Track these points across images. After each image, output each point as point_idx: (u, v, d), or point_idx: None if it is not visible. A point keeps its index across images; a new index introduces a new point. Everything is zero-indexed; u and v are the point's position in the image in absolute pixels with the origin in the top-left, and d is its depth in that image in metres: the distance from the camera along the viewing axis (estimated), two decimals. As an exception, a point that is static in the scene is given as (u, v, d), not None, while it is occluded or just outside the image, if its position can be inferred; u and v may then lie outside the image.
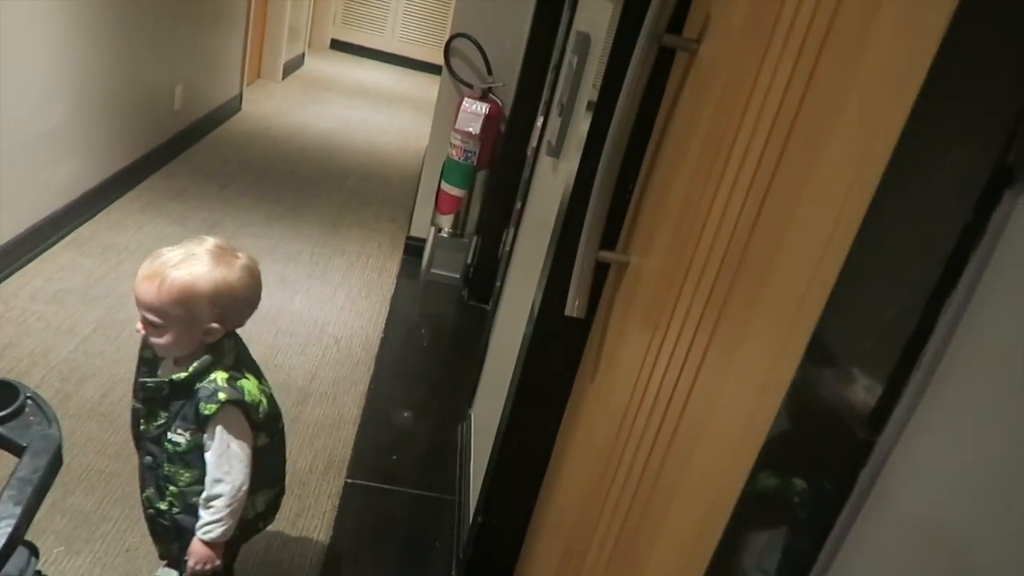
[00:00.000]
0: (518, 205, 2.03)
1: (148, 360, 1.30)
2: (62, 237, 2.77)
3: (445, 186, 3.10)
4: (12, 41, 2.24)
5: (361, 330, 2.70)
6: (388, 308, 2.90)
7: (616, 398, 1.11)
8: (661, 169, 1.13)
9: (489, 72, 3.00)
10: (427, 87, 7.17)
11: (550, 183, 1.67)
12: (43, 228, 2.63)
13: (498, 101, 2.99)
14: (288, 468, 1.46)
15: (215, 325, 1.23)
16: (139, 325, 1.23)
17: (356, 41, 7.81)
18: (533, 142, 2.13)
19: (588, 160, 1.25)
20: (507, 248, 3.00)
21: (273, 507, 1.42)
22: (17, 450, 0.96)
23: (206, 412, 1.21)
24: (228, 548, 1.33)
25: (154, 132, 3.55)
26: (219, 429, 1.23)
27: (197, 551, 1.26)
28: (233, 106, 4.77)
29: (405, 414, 2.35)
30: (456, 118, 2.97)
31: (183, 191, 3.48)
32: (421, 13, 7.82)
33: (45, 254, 2.64)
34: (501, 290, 2.09)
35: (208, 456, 1.23)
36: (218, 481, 1.23)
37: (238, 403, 1.24)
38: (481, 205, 3.14)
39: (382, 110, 6.00)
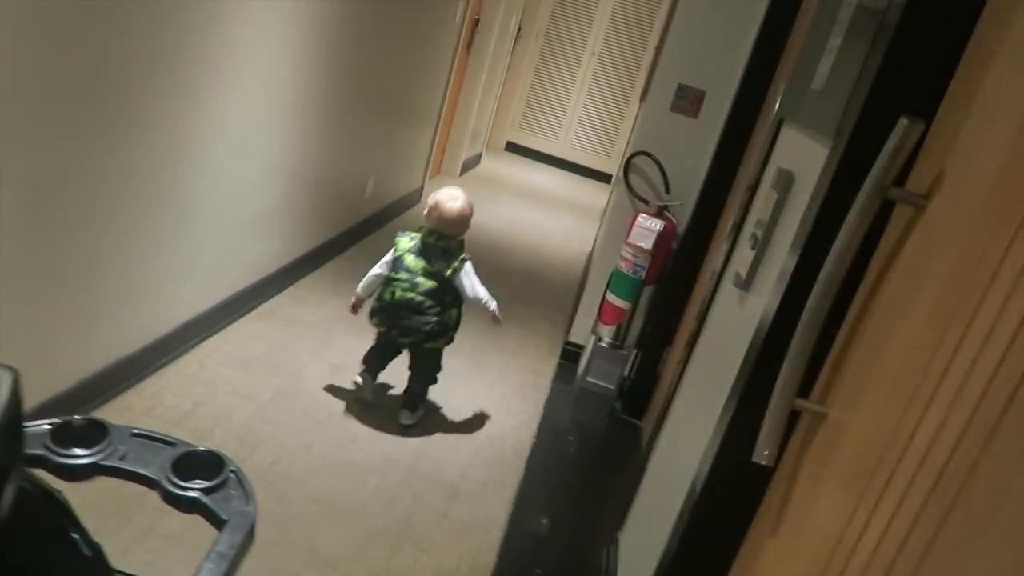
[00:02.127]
0: (693, 327, 1.99)
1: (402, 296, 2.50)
2: (254, 307, 3.01)
3: (611, 297, 3.11)
4: (239, 132, 2.52)
5: (513, 432, 2.71)
6: (542, 412, 2.90)
7: (805, 563, 1.03)
8: (873, 321, 1.08)
9: (667, 190, 3.03)
10: (593, 194, 7.37)
11: (735, 315, 1.63)
12: (240, 298, 2.88)
13: (673, 219, 3.00)
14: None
15: None
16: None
17: (531, 145, 8.18)
18: (715, 267, 2.10)
19: (788, 302, 1.22)
20: (664, 366, 2.95)
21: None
22: (217, 523, 1.02)
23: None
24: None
25: (344, 218, 3.84)
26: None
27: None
28: (414, 198, 5.09)
29: (551, 526, 2.30)
30: (629, 232, 3.00)
31: (360, 274, 3.70)
32: (595, 123, 8.10)
33: (238, 322, 2.87)
34: (666, 413, 2.04)
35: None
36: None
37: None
38: (644, 320, 3.12)
39: (549, 213, 6.18)
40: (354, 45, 3.23)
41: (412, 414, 2.59)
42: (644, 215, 2.99)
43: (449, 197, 2.51)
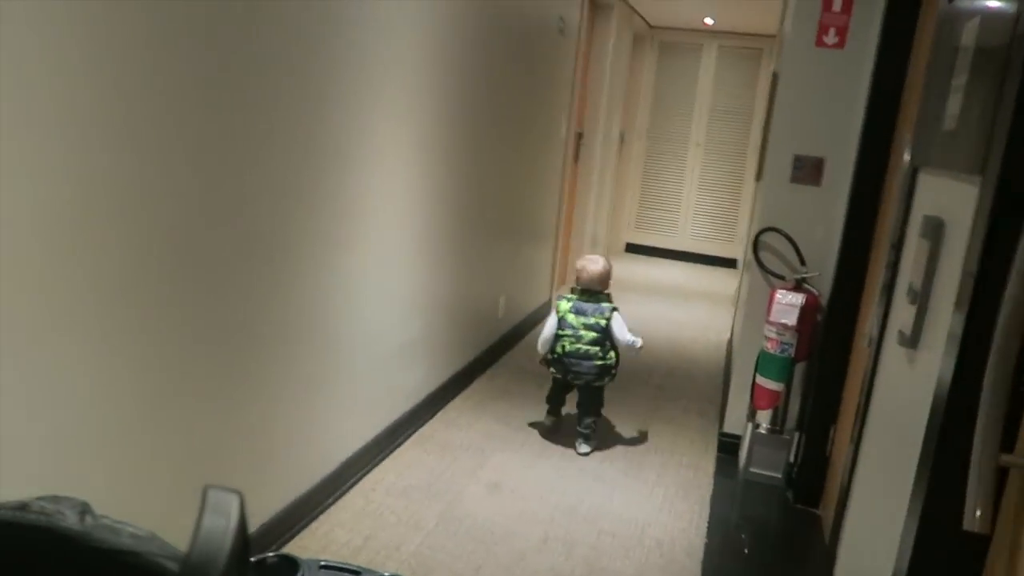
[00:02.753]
0: (860, 398, 1.88)
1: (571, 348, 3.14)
2: (409, 436, 3.09)
3: (761, 380, 2.99)
4: (379, 269, 2.68)
5: (682, 533, 2.58)
6: (708, 510, 2.77)
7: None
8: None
9: (802, 262, 2.94)
10: (719, 280, 7.23)
11: (906, 376, 1.53)
12: (395, 428, 2.97)
13: (813, 291, 2.89)
14: None
15: None
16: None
17: (649, 242, 8.20)
18: (871, 331, 1.99)
19: (968, 350, 1.13)
20: (833, 445, 2.76)
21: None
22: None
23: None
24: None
25: (481, 339, 3.95)
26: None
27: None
28: (543, 311, 5.17)
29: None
30: (770, 310, 2.91)
31: (505, 391, 3.75)
32: (711, 210, 8.06)
33: (395, 451, 2.96)
34: (847, 496, 1.89)
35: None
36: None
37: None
38: (801, 399, 2.97)
39: (678, 305, 6.10)
40: (472, 171, 3.42)
41: (588, 443, 3.17)
42: (782, 291, 2.90)
43: (591, 261, 3.23)
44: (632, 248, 8.26)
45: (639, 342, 3.17)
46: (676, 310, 5.93)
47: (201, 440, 1.88)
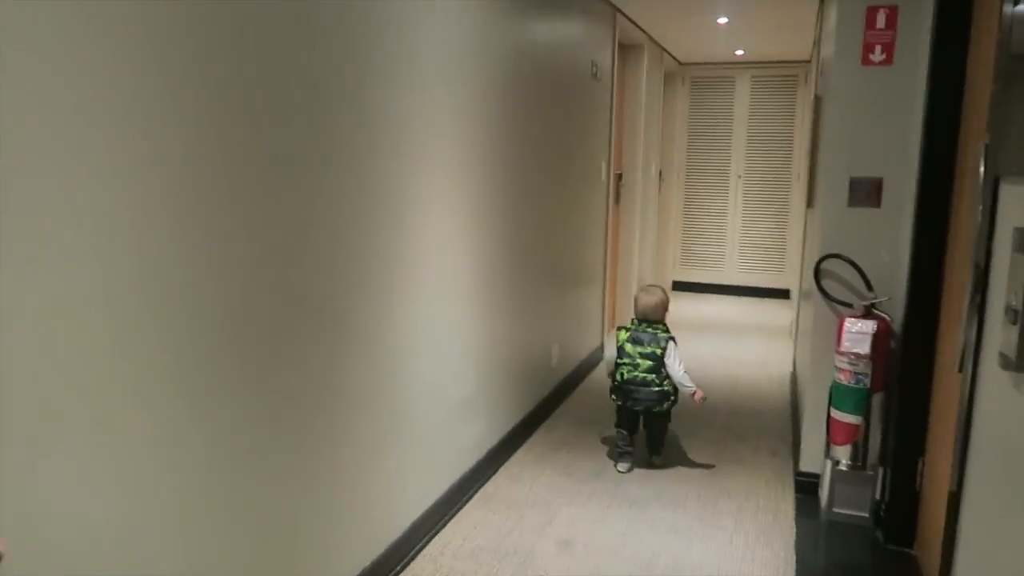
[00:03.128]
0: (957, 431, 1.74)
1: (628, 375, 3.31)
2: (472, 495, 3.00)
3: (836, 414, 2.84)
4: (434, 327, 2.63)
5: (770, 583, 2.43)
6: (794, 556, 2.61)
7: None
8: None
9: (869, 287, 2.81)
10: (772, 312, 7.04)
11: (1012, 402, 1.41)
12: (458, 488, 2.88)
13: (885, 316, 2.76)
14: None
15: None
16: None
17: (696, 279, 8.06)
18: (956, 358, 1.87)
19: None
20: (923, 479, 2.59)
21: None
22: None
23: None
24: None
25: (538, 389, 3.86)
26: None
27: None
28: (597, 356, 5.07)
29: None
30: (839, 340, 2.78)
31: (565, 442, 3.65)
32: (757, 242, 7.91)
33: (460, 512, 2.87)
34: (954, 534, 1.75)
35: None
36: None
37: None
38: (883, 432, 2.81)
39: (733, 341, 5.93)
40: (519, 219, 3.39)
41: (659, 456, 3.38)
42: (851, 319, 2.78)
43: (646, 292, 3.40)
44: (679, 286, 8.13)
45: (693, 389, 3.27)
46: (732, 346, 5.76)
47: (271, 514, 1.82)
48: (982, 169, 1.76)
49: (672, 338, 3.31)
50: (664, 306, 3.38)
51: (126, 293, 1.38)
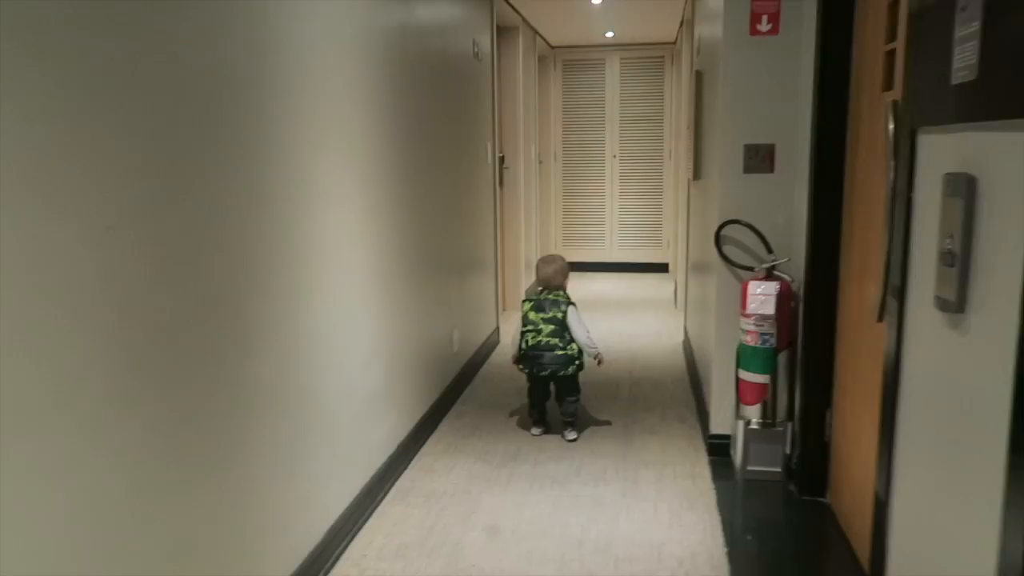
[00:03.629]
0: (886, 378, 1.79)
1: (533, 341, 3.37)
2: (388, 491, 2.86)
3: (745, 375, 2.91)
4: (340, 321, 2.47)
5: (700, 545, 2.45)
6: (719, 516, 2.65)
7: None
8: None
9: (769, 250, 2.89)
10: (654, 286, 7.25)
11: (954, 343, 1.45)
12: (374, 485, 2.74)
13: (786, 277, 2.85)
14: None
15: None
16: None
17: (579, 259, 8.17)
18: (873, 304, 1.93)
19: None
20: (831, 431, 2.70)
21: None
22: None
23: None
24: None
25: (442, 376, 3.75)
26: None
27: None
28: (493, 339, 5.01)
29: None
30: (744, 303, 2.85)
31: (476, 428, 3.56)
32: (635, 219, 8.11)
33: (378, 510, 2.72)
34: (887, 498, 1.79)
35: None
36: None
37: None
38: (789, 389, 2.91)
39: (623, 316, 6.04)
40: (413, 207, 3.25)
41: (573, 430, 3.40)
42: (754, 282, 2.85)
43: (545, 262, 3.52)
44: (563, 267, 8.21)
45: (597, 351, 3.41)
46: (622, 321, 5.86)
47: (185, 531, 1.63)
48: (891, 125, 1.81)
49: (572, 303, 3.42)
50: (563, 272, 3.50)
51: (8, 296, 1.16)
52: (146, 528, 1.50)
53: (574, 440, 3.37)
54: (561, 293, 3.45)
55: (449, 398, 3.83)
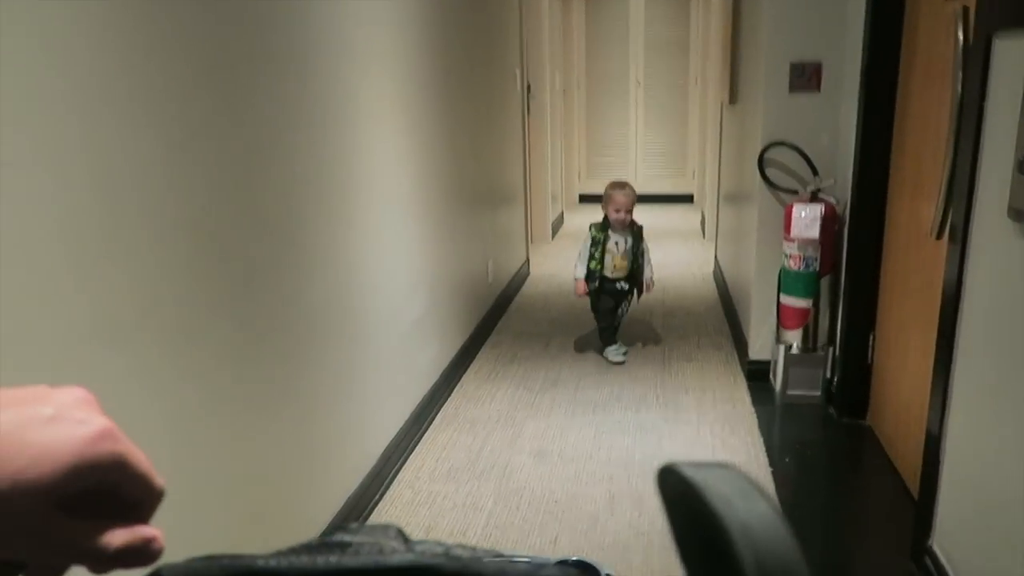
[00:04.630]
0: (945, 297, 1.77)
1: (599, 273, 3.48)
2: (433, 417, 2.91)
3: (787, 299, 2.90)
4: (384, 251, 2.47)
5: (745, 467, 2.48)
6: (761, 439, 2.68)
7: None
8: None
9: (815, 173, 2.84)
10: (680, 216, 7.19)
11: (1021, 262, 1.43)
12: (421, 411, 2.78)
13: (830, 200, 2.80)
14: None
15: None
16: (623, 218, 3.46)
17: (600, 191, 8.07)
18: (932, 223, 1.90)
19: None
20: (875, 353, 2.70)
21: None
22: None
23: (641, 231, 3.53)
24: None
25: (478, 306, 3.77)
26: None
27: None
28: (524, 271, 5.02)
29: (839, 552, 2.06)
30: (788, 227, 2.81)
31: (514, 356, 3.59)
32: (660, 148, 7.99)
33: (425, 436, 2.78)
34: (942, 422, 1.79)
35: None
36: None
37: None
38: (831, 313, 2.90)
39: (653, 247, 5.98)
40: (449, 139, 3.21)
41: (620, 349, 3.49)
42: (799, 204, 2.81)
43: (616, 186, 3.52)
44: (586, 199, 8.14)
45: (652, 282, 3.56)
46: (653, 251, 5.81)
47: (253, 452, 1.67)
48: (960, 33, 1.75)
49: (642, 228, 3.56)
50: (634, 200, 3.52)
51: (83, 223, 1.16)
52: (219, 448, 1.54)
53: (622, 361, 3.43)
54: (635, 223, 3.52)
55: (486, 327, 3.85)
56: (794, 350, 2.94)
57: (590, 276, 3.45)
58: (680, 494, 0.33)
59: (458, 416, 2.95)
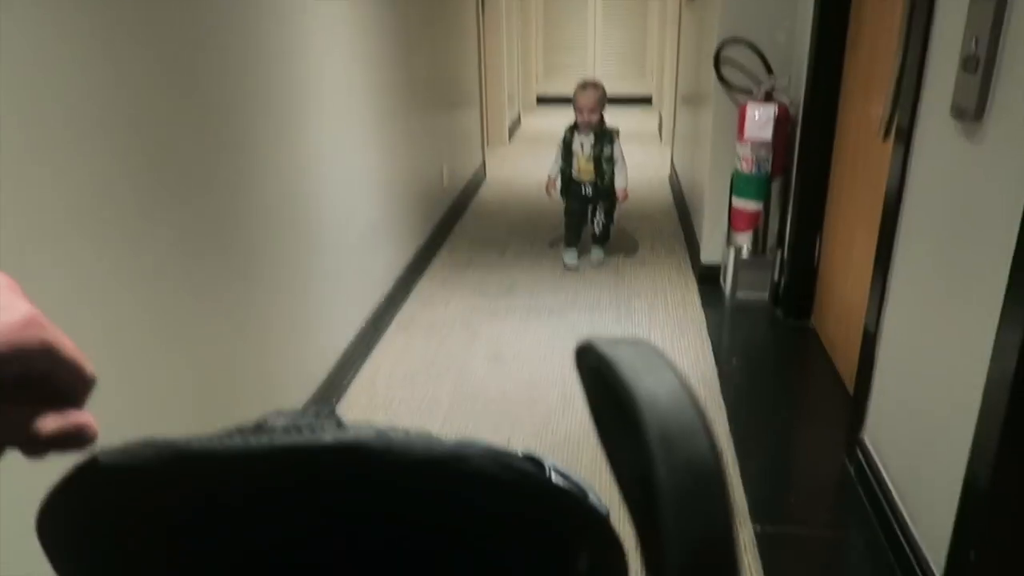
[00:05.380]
0: (889, 196, 1.80)
1: (568, 174, 3.47)
2: (389, 321, 2.92)
3: (739, 202, 2.93)
4: (338, 155, 2.40)
5: (693, 368, 2.56)
6: (709, 341, 2.75)
7: None
8: None
9: (769, 71, 2.81)
10: (637, 119, 7.11)
11: (961, 157, 1.45)
12: (377, 315, 2.79)
13: (783, 100, 2.79)
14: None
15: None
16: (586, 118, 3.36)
17: (560, 92, 7.90)
18: (882, 115, 1.90)
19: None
20: (821, 255, 2.75)
21: None
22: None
23: (615, 136, 3.40)
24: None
25: (433, 211, 3.73)
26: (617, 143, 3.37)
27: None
28: (480, 175, 4.96)
29: (780, 445, 2.17)
30: (742, 128, 2.80)
31: (470, 261, 3.60)
32: (617, 48, 7.83)
33: (382, 340, 2.79)
34: (879, 318, 1.85)
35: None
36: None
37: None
38: (780, 216, 2.93)
39: (609, 150, 5.95)
40: (405, 43, 3.09)
41: (602, 251, 3.54)
42: (752, 105, 2.79)
43: (585, 87, 3.37)
44: (544, 100, 8.00)
45: (624, 191, 3.46)
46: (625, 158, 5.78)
47: (213, 354, 1.66)
48: (915, -74, 1.70)
49: (617, 138, 3.44)
50: (604, 101, 3.41)
51: (3, 118, 1.10)
52: (163, 357, 1.53)
53: (601, 262, 3.48)
54: (607, 126, 3.42)
55: (442, 233, 3.83)
56: (744, 253, 2.98)
57: (562, 177, 3.46)
58: (595, 368, 0.34)
59: (414, 321, 2.96)
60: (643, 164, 5.42)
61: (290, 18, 2.06)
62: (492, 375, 2.55)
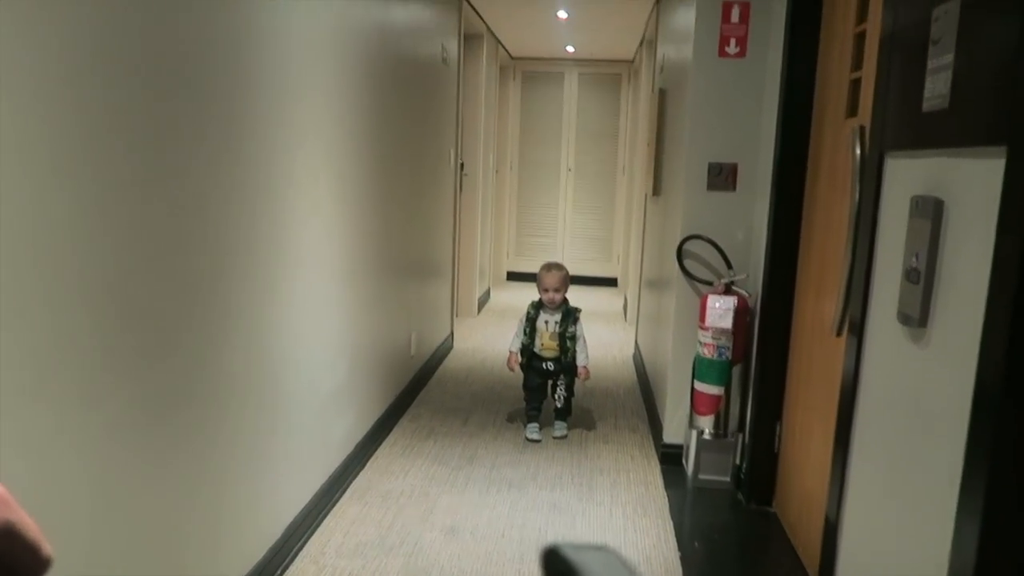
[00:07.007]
0: (843, 390, 1.88)
1: (531, 349, 3.59)
2: (345, 489, 2.85)
3: (701, 386, 3.00)
4: (307, 318, 2.46)
5: (655, 550, 2.51)
6: (672, 523, 2.71)
7: None
8: None
9: (729, 266, 2.99)
10: (604, 299, 7.35)
11: (909, 359, 1.54)
12: (332, 483, 2.72)
13: (743, 293, 2.94)
14: None
15: None
16: (551, 297, 3.55)
17: (530, 269, 8.17)
18: (833, 321, 2.02)
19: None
20: (781, 443, 2.80)
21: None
22: None
23: (578, 315, 3.59)
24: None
25: (399, 378, 3.74)
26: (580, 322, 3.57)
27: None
28: (448, 344, 5.02)
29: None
30: (703, 316, 2.93)
31: (432, 431, 3.56)
32: (586, 232, 8.23)
33: (335, 508, 2.70)
34: (839, 509, 1.87)
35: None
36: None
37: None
38: (741, 401, 3.00)
39: (575, 327, 6.10)
40: (380, 210, 3.25)
41: (565, 425, 3.58)
42: (713, 295, 2.94)
43: (550, 268, 3.59)
44: (514, 276, 8.27)
45: (586, 370, 3.60)
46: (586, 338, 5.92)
47: (155, 519, 1.60)
48: (859, 149, 1.91)
49: (579, 310, 3.64)
50: (567, 282, 3.61)
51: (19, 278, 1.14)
52: (110, 517, 1.48)
53: (564, 436, 3.52)
54: (571, 306, 3.60)
55: (405, 401, 3.82)
56: (706, 435, 3.02)
57: (524, 352, 3.55)
58: (561, 574, 0.35)
59: (370, 490, 2.89)
60: (608, 343, 5.56)
61: (274, 188, 2.18)
62: (447, 550, 2.46)
